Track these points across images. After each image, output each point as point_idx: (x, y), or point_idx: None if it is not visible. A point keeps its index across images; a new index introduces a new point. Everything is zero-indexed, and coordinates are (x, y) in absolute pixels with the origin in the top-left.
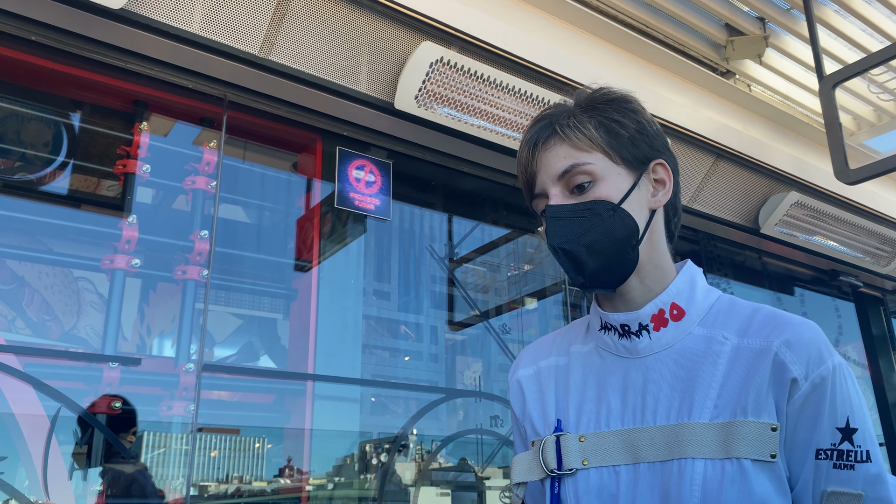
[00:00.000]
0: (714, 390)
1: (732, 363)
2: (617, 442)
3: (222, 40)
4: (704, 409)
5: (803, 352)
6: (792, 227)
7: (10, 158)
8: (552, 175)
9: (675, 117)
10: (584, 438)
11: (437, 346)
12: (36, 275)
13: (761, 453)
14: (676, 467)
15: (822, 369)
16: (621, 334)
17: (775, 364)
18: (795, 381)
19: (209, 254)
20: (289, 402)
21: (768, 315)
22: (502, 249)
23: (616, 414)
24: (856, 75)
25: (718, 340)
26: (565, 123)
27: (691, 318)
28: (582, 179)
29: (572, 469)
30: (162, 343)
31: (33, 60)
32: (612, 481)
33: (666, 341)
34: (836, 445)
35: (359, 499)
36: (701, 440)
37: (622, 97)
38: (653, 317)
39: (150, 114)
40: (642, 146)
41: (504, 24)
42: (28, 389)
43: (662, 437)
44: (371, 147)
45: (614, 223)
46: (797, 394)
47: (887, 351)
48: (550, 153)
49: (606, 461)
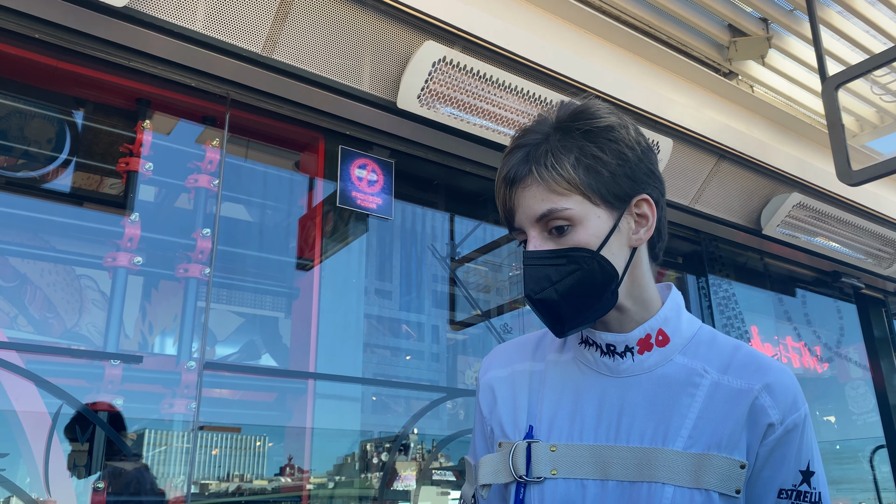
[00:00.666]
0: (690, 420)
1: (710, 397)
2: (588, 456)
3: (225, 39)
4: (679, 437)
5: (781, 398)
6: (794, 228)
7: (13, 156)
8: (530, 217)
9: (677, 118)
10: (555, 448)
11: (439, 346)
12: (38, 272)
13: (728, 488)
14: (646, 490)
15: (796, 416)
16: (604, 352)
17: (754, 407)
18: (772, 425)
19: (211, 252)
20: (290, 400)
21: (749, 355)
22: (504, 249)
23: (590, 429)
24: (859, 76)
25: (699, 372)
26: (543, 163)
27: (674, 346)
28: (559, 223)
29: (540, 477)
30: (164, 341)
31: (37, 58)
32: (579, 494)
33: (648, 365)
34: (796, 486)
35: (359, 498)
36: (673, 467)
37: (604, 126)
38: (639, 340)
39: (152, 112)
40: (623, 182)
41: (507, 23)
42: (30, 386)
43: (634, 458)
44: (373, 146)
45: (592, 270)
46: (771, 437)
47: (889, 352)
48: (527, 193)
49: (575, 473)
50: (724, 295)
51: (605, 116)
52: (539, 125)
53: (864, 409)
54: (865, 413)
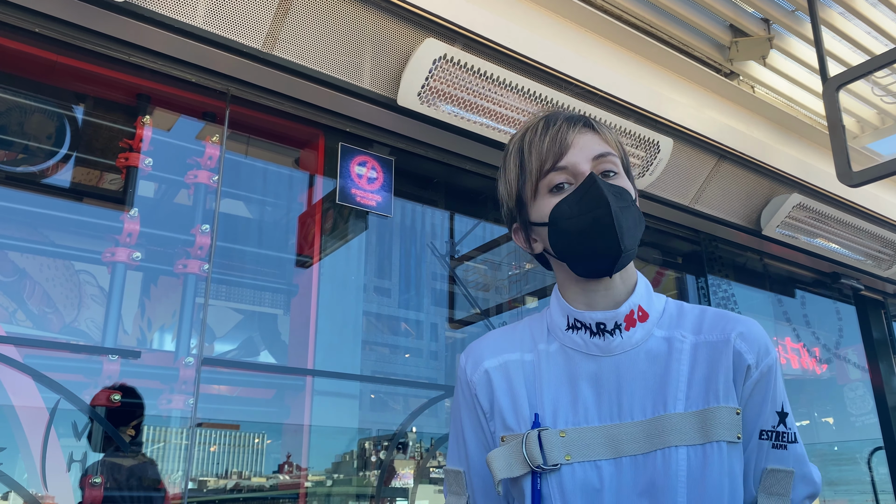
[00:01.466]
0: (683, 383)
1: (694, 358)
2: (597, 437)
3: (226, 34)
4: (678, 401)
5: (755, 343)
6: (794, 229)
7: (13, 150)
8: (588, 154)
9: (678, 117)
10: (565, 434)
11: (438, 344)
12: (37, 267)
13: (732, 435)
14: (661, 457)
15: (769, 359)
16: (594, 333)
17: (735, 353)
18: (749, 367)
19: (210, 248)
20: (288, 397)
21: (717, 314)
22: (503, 248)
23: (593, 411)
24: (860, 77)
25: (678, 339)
26: (599, 122)
27: (652, 321)
28: (610, 167)
29: (556, 464)
30: (162, 337)
31: (37, 53)
32: (595, 476)
33: (635, 341)
34: (774, 427)
35: (357, 495)
36: (681, 429)
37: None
38: (626, 317)
39: (152, 107)
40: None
41: (508, 21)
42: (28, 381)
43: (642, 431)
44: (373, 143)
45: (637, 214)
46: (749, 380)
47: (888, 354)
48: (587, 136)
49: (588, 456)
50: (723, 295)
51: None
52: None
53: (862, 410)
54: (864, 415)
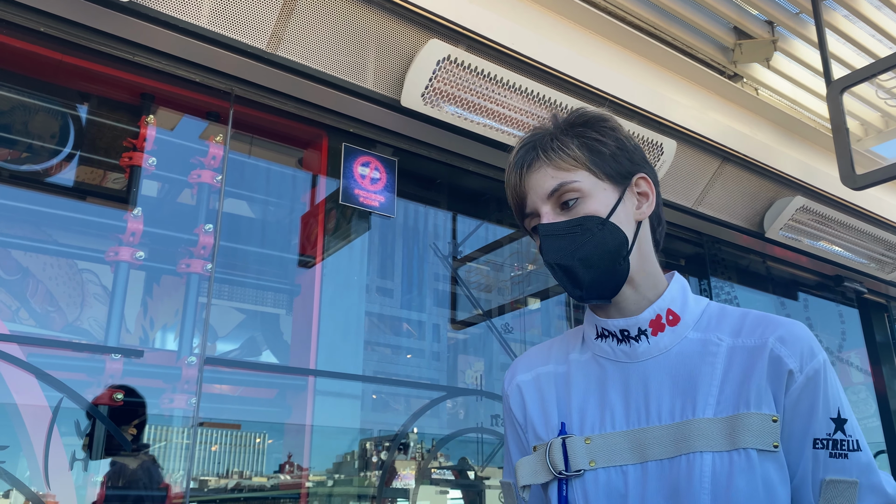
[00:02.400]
0: (715, 388)
1: (729, 361)
2: (623, 442)
3: (230, 34)
4: (708, 405)
5: (797, 347)
6: (797, 232)
7: (17, 149)
8: (541, 195)
9: (681, 119)
10: (590, 440)
11: (440, 345)
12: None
13: (765, 443)
14: (685, 462)
15: (815, 363)
16: (620, 340)
17: (772, 358)
18: (792, 373)
19: (213, 248)
20: (290, 397)
21: (758, 317)
22: (506, 249)
23: (620, 416)
24: (864, 80)
25: (714, 342)
26: (549, 146)
27: (686, 324)
28: (569, 197)
29: (580, 470)
30: (165, 336)
31: (42, 52)
32: (621, 481)
33: (664, 345)
34: (830, 435)
35: (358, 496)
36: (707, 434)
37: (600, 116)
38: (651, 322)
39: (156, 107)
40: (623, 161)
41: (512, 23)
42: (31, 379)
43: (669, 435)
44: (377, 144)
45: (605, 236)
46: (793, 386)
47: (890, 358)
48: (538, 174)
49: (613, 461)
50: (726, 298)
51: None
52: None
53: (864, 414)
54: (866, 418)
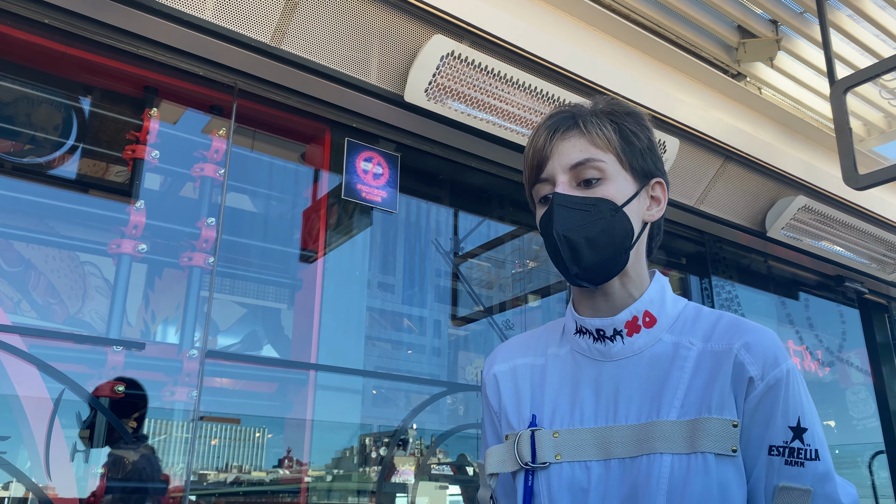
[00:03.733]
0: (681, 391)
1: (697, 366)
2: (589, 438)
3: (234, 28)
4: (672, 408)
5: (760, 355)
6: (799, 232)
7: (20, 141)
8: (565, 164)
9: (684, 118)
10: (558, 434)
11: (440, 341)
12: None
13: (723, 448)
14: (645, 462)
15: (777, 371)
16: (596, 338)
17: (735, 364)
18: (752, 380)
19: (215, 241)
20: (291, 391)
21: (730, 322)
22: (508, 246)
23: (590, 413)
24: (867, 80)
25: (685, 346)
26: (588, 120)
27: (661, 326)
28: (592, 174)
29: (546, 462)
30: (166, 330)
31: (46, 43)
32: (584, 476)
33: (638, 346)
34: (787, 443)
35: (357, 491)
36: (669, 436)
37: (639, 112)
38: (627, 323)
39: (160, 100)
40: (649, 161)
41: (516, 19)
42: (32, 371)
43: (633, 434)
44: (379, 139)
45: (615, 223)
46: (753, 392)
47: (891, 358)
48: (568, 143)
49: (578, 456)
50: (726, 297)
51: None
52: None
53: (864, 414)
54: (866, 418)
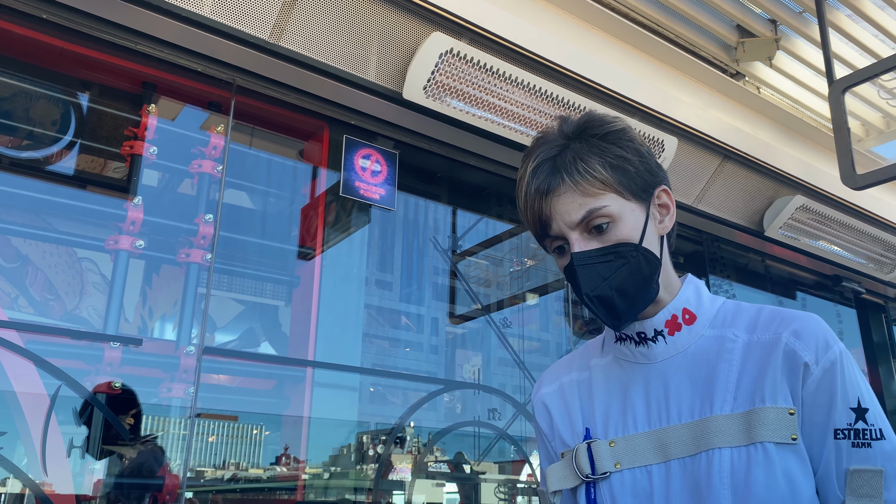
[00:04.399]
0: (732, 384)
1: (745, 357)
2: (646, 443)
3: (233, 24)
4: (725, 402)
5: (811, 340)
6: (796, 231)
7: (17, 136)
8: (569, 223)
9: (683, 117)
10: (614, 443)
11: (438, 338)
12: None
13: (782, 436)
14: (705, 459)
15: (830, 354)
16: (638, 342)
17: (786, 353)
18: (807, 365)
19: (213, 238)
20: (288, 388)
21: (773, 312)
22: (506, 244)
23: (642, 417)
24: (866, 80)
25: (730, 338)
26: (573, 169)
27: (702, 322)
28: (600, 222)
29: (606, 472)
30: (163, 326)
31: (44, 39)
32: (646, 480)
33: (681, 344)
34: (851, 425)
35: (354, 489)
36: (725, 430)
37: (618, 129)
38: (667, 322)
39: (158, 96)
40: (646, 176)
41: (515, 17)
42: (29, 366)
43: (689, 433)
44: (378, 136)
45: (639, 262)
46: (810, 378)
47: (888, 358)
48: (563, 200)
49: (638, 462)
50: (724, 296)
51: (614, 121)
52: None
53: None
54: None
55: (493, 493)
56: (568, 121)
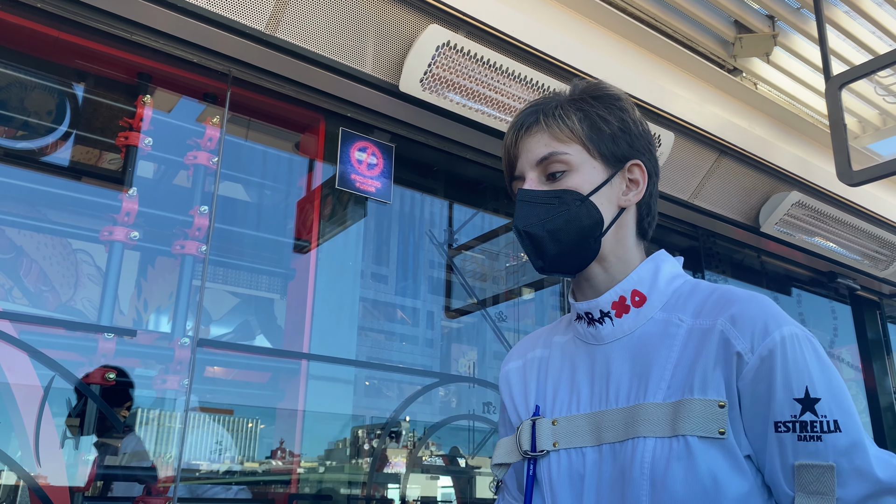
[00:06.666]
0: (668, 371)
1: (685, 344)
2: (584, 425)
3: (229, 15)
4: (659, 389)
5: (747, 326)
6: (792, 227)
7: (12, 126)
8: (531, 160)
9: (679, 112)
10: (556, 422)
11: (433, 332)
12: (35, 245)
13: (708, 430)
14: (630, 447)
15: (768, 341)
16: (588, 322)
17: (720, 341)
18: (740, 355)
19: (208, 230)
20: (283, 381)
21: (721, 294)
22: (502, 239)
23: (585, 398)
24: (863, 77)
25: (675, 323)
26: (550, 113)
27: (653, 304)
28: (557, 168)
29: (544, 451)
30: (158, 319)
31: (38, 28)
32: (580, 462)
33: (627, 327)
34: (796, 417)
35: (349, 482)
36: (653, 419)
37: (613, 94)
38: (613, 304)
39: (153, 87)
40: (622, 144)
41: (512, 9)
42: (23, 357)
43: (621, 418)
44: (374, 129)
45: (580, 213)
46: (745, 368)
47: (881, 355)
48: (532, 139)
49: (574, 443)
50: None
51: (615, 90)
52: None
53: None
54: None
55: (488, 487)
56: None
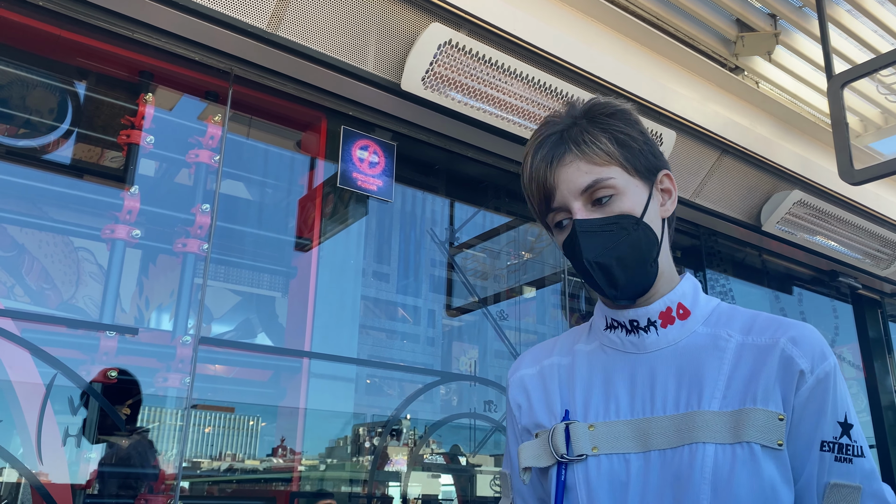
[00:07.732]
0: (722, 382)
1: (738, 358)
2: (627, 431)
3: (231, 13)
4: (714, 398)
5: (808, 348)
6: (793, 226)
7: (14, 124)
8: (574, 190)
9: (681, 110)
10: (593, 427)
11: (434, 330)
12: (36, 243)
13: (769, 440)
14: (688, 452)
15: (826, 365)
16: (629, 331)
17: (783, 358)
18: (803, 373)
19: (210, 228)
20: (284, 380)
21: (769, 318)
22: (503, 237)
23: (625, 405)
24: (865, 76)
25: (723, 337)
26: (580, 139)
27: (696, 318)
28: (603, 193)
29: (582, 455)
30: (160, 317)
31: (40, 26)
32: (623, 469)
33: (672, 338)
34: (837, 439)
35: (350, 480)
36: (711, 426)
37: (625, 109)
38: (661, 313)
39: (155, 85)
40: (650, 157)
41: (514, 8)
42: (25, 355)
43: (673, 425)
44: (376, 128)
45: (639, 236)
46: (804, 386)
47: (882, 354)
48: (570, 168)
49: (617, 448)
50: (721, 290)
51: (621, 104)
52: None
53: (855, 409)
54: (857, 413)
55: (489, 486)
56: (574, 105)
